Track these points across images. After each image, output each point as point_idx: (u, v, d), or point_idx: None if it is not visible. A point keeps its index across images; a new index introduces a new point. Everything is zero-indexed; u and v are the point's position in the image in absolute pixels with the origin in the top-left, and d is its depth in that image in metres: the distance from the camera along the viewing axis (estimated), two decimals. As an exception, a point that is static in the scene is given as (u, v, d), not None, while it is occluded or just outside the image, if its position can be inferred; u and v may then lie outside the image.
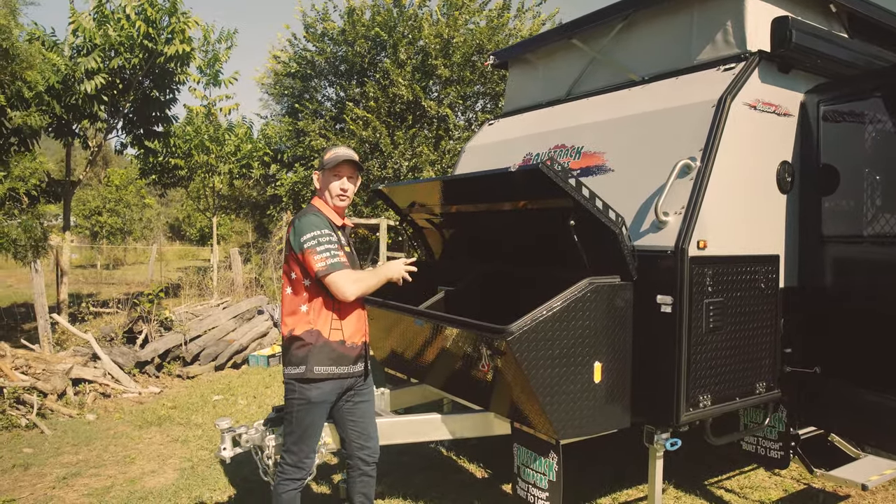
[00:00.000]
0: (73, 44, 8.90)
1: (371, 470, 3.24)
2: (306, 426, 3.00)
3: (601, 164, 3.94)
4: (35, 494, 4.31)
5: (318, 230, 2.92)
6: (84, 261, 25.70)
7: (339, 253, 2.92)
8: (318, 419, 3.03)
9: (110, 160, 32.08)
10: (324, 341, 2.95)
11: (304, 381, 2.94)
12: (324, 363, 2.95)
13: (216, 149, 14.02)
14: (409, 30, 13.73)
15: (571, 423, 3.16)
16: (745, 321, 3.47)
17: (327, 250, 2.88)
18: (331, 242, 2.91)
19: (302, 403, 2.97)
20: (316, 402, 2.97)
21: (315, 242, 2.89)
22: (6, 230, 7.50)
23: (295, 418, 2.99)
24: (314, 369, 2.93)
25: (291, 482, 3.03)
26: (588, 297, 3.15)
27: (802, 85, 3.84)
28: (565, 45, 4.83)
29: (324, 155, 3.13)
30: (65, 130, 9.46)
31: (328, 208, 3.10)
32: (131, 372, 7.15)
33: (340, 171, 3.08)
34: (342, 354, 3.00)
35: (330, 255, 2.88)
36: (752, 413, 3.96)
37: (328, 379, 2.97)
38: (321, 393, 2.97)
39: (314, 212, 3.04)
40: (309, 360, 2.93)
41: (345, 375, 3.03)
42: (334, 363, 2.97)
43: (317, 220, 2.97)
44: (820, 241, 3.74)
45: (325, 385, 2.97)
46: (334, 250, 2.90)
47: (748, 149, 3.51)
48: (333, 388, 3.01)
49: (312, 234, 2.90)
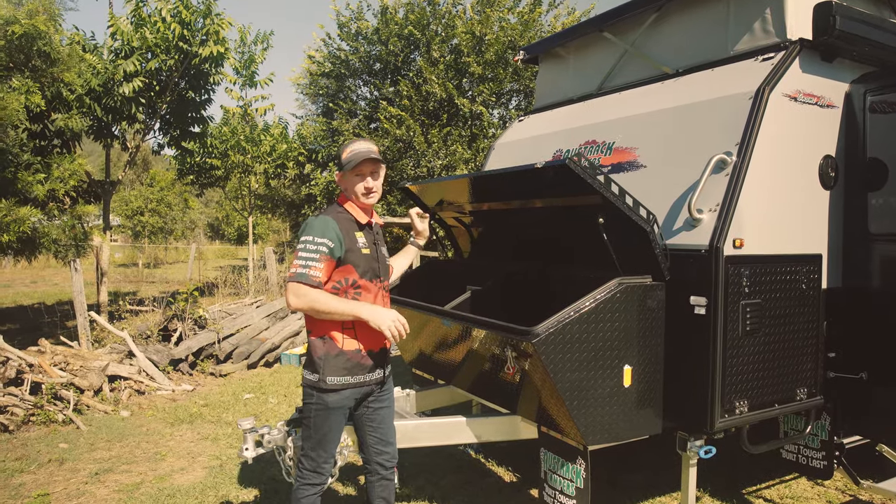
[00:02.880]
0: (112, 47, 9.10)
1: (390, 474, 3.16)
2: (324, 432, 2.93)
3: (633, 160, 3.81)
4: (68, 489, 4.38)
5: (312, 235, 2.78)
6: (126, 260, 26.42)
7: (314, 265, 2.74)
8: (336, 425, 2.95)
9: (150, 162, 32.90)
10: (338, 350, 2.86)
11: (320, 390, 2.87)
12: (338, 373, 2.85)
13: (252, 149, 14.21)
14: (442, 28, 13.68)
15: (600, 429, 3.04)
16: (784, 324, 3.30)
17: (305, 258, 2.74)
18: (316, 251, 2.75)
19: (319, 409, 2.89)
20: (333, 407, 2.89)
21: (302, 246, 2.77)
22: (47, 230, 7.69)
23: (313, 423, 2.92)
24: (328, 379, 2.84)
25: (311, 487, 2.97)
26: (618, 297, 3.04)
27: (848, 74, 3.64)
28: (596, 39, 4.70)
29: (341, 153, 2.98)
30: (104, 132, 9.68)
31: (355, 207, 2.98)
32: (165, 370, 7.25)
33: (362, 169, 2.91)
34: (357, 364, 2.90)
35: (304, 263, 2.73)
36: (792, 420, 3.78)
37: (343, 389, 2.88)
38: (338, 399, 2.89)
39: (330, 215, 2.89)
40: (324, 370, 2.84)
41: (361, 384, 2.93)
42: (349, 373, 2.88)
43: (321, 225, 2.81)
44: (866, 239, 3.55)
45: (341, 392, 2.89)
46: (312, 261, 2.74)
47: (788, 142, 3.34)
48: (351, 395, 2.93)
49: (305, 237, 2.78)
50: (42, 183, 7.44)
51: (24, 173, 7.36)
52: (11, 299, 14.58)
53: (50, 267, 21.53)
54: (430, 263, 5.75)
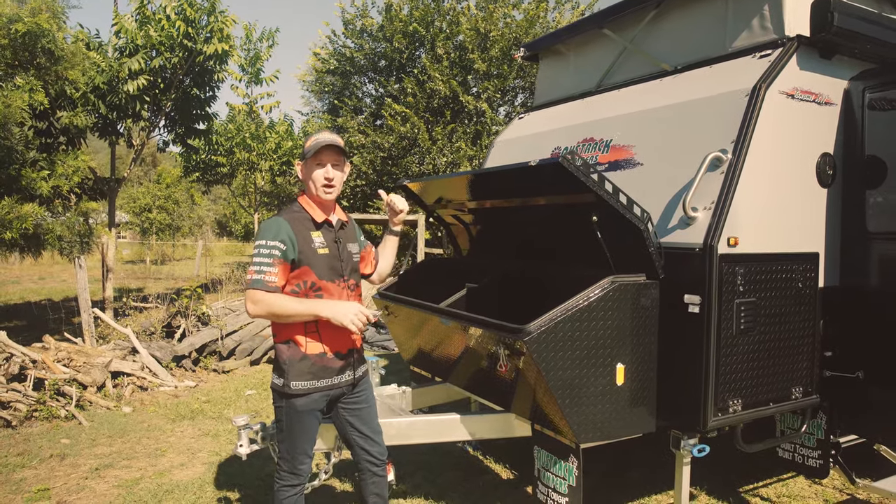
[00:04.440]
0: (116, 45, 9.14)
1: (380, 470, 3.14)
2: (295, 435, 2.89)
3: (630, 158, 3.80)
4: (68, 484, 4.41)
5: (264, 239, 2.70)
6: (134, 256, 26.55)
7: (268, 270, 2.67)
8: (307, 427, 2.89)
9: (158, 159, 33.06)
10: (302, 355, 2.78)
11: (285, 395, 2.82)
12: (302, 377, 2.78)
13: (258, 146, 14.25)
14: (446, 24, 13.67)
15: (592, 427, 3.04)
16: (779, 322, 3.29)
17: (258, 263, 2.67)
18: (269, 256, 2.67)
19: (290, 412, 2.84)
20: (302, 410, 2.83)
21: (256, 252, 2.71)
22: (51, 226, 7.75)
23: (284, 426, 2.88)
24: (291, 384, 2.77)
25: (290, 488, 2.96)
26: (611, 296, 3.03)
27: (846, 71, 3.62)
28: (596, 36, 4.68)
29: (305, 142, 2.86)
30: (109, 130, 9.73)
31: (311, 204, 2.88)
32: (168, 366, 7.30)
33: (322, 158, 2.79)
34: (323, 367, 2.82)
35: (258, 269, 2.66)
36: (789, 419, 3.76)
37: (310, 393, 2.82)
38: (306, 402, 2.82)
39: (283, 216, 2.81)
40: (287, 374, 2.77)
41: (329, 387, 2.87)
42: (314, 377, 2.80)
43: (273, 228, 2.73)
44: (864, 237, 3.52)
45: (308, 396, 2.82)
46: (266, 265, 2.67)
47: (785, 140, 3.32)
48: (320, 398, 2.86)
49: (258, 243, 2.71)
50: (46, 180, 7.49)
51: (28, 170, 7.41)
52: (19, 296, 14.69)
53: (57, 264, 21.65)
54: (428, 261, 5.76)
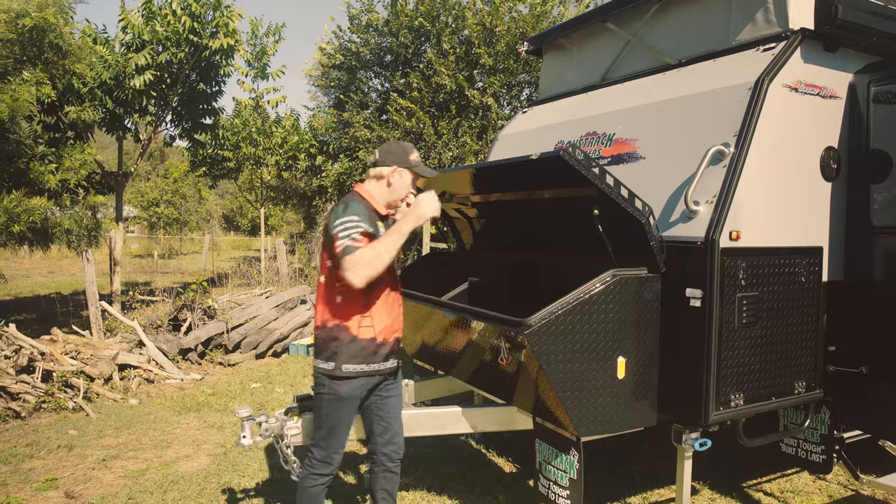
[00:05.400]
0: (123, 40, 9.17)
1: (395, 467, 3.17)
2: (335, 421, 2.93)
3: (632, 152, 3.79)
4: (76, 474, 4.46)
5: (349, 216, 2.77)
6: (143, 250, 26.70)
7: (358, 238, 2.73)
8: (347, 415, 2.96)
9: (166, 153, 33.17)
10: (353, 338, 2.87)
11: (334, 378, 2.88)
12: (353, 361, 2.87)
13: (264, 140, 14.28)
14: (452, 19, 13.63)
15: (593, 420, 3.05)
16: (782, 316, 3.28)
17: (347, 235, 2.72)
18: (356, 228, 2.74)
19: (332, 399, 2.90)
20: (345, 397, 2.90)
21: (342, 227, 2.74)
22: (59, 220, 7.81)
23: (324, 413, 2.93)
24: (343, 367, 2.86)
25: (319, 477, 2.97)
26: (611, 289, 3.03)
27: (852, 65, 3.59)
28: (599, 29, 4.66)
29: (409, 153, 2.98)
30: (116, 125, 9.77)
31: (374, 199, 2.97)
32: (175, 359, 7.35)
33: (419, 182, 3.04)
34: (373, 352, 2.91)
35: (348, 238, 2.71)
36: (792, 414, 3.75)
37: (358, 377, 2.90)
38: (351, 388, 2.90)
39: (357, 200, 2.91)
40: (338, 357, 2.86)
41: (375, 373, 2.95)
42: (364, 361, 2.89)
43: (356, 208, 2.82)
44: (869, 231, 3.50)
45: (354, 381, 2.90)
46: (355, 235, 2.72)
47: (788, 134, 3.30)
48: (363, 385, 2.94)
49: (344, 219, 2.76)
50: (54, 173, 7.54)
51: (36, 163, 7.46)
52: (29, 289, 14.80)
53: (67, 258, 21.81)
54: (431, 255, 5.78)
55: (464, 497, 4.06)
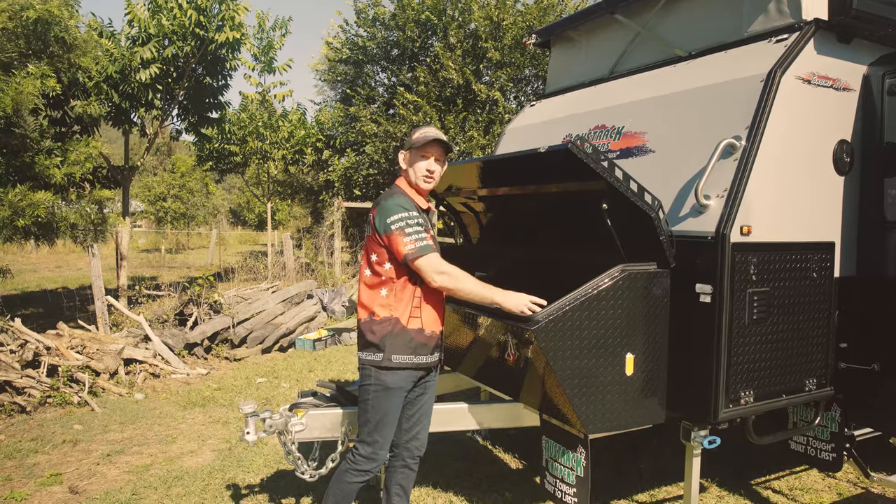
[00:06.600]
0: (129, 34, 9.16)
1: (414, 464, 3.14)
2: (383, 413, 2.90)
3: (642, 145, 3.73)
4: (80, 469, 4.46)
5: (405, 212, 2.81)
6: (150, 245, 26.78)
7: (426, 235, 2.80)
8: (394, 406, 2.92)
9: (173, 148, 33.21)
10: (402, 329, 2.86)
11: (382, 368, 2.86)
12: (403, 351, 2.86)
13: (270, 135, 14.26)
14: (458, 13, 13.56)
15: (601, 418, 3.01)
16: (793, 313, 3.22)
17: (416, 232, 2.77)
18: (419, 224, 2.80)
19: (379, 389, 2.87)
20: (393, 388, 2.88)
21: (404, 224, 2.78)
22: (65, 215, 7.81)
23: (371, 405, 2.89)
24: (392, 357, 2.84)
25: (360, 473, 2.92)
26: (620, 284, 2.98)
27: (866, 56, 3.52)
28: (608, 21, 4.60)
29: (412, 134, 3.00)
30: (122, 119, 9.77)
31: (411, 190, 2.99)
32: (180, 353, 7.34)
33: (428, 151, 2.93)
34: (421, 343, 2.90)
35: (419, 237, 2.77)
36: (802, 411, 3.70)
37: (406, 368, 2.88)
38: (398, 379, 2.88)
39: (400, 192, 2.93)
40: (387, 348, 2.84)
41: (422, 365, 2.93)
42: (413, 352, 2.88)
43: (405, 201, 2.87)
44: (882, 226, 3.44)
45: (402, 372, 2.88)
46: (422, 233, 2.79)
47: (801, 126, 3.24)
48: (409, 377, 2.92)
49: (400, 216, 2.79)
50: (59, 167, 7.54)
51: (41, 157, 7.45)
52: (36, 283, 14.86)
53: (74, 252, 21.87)
54: (439, 250, 5.72)
55: (470, 493, 4.03)
